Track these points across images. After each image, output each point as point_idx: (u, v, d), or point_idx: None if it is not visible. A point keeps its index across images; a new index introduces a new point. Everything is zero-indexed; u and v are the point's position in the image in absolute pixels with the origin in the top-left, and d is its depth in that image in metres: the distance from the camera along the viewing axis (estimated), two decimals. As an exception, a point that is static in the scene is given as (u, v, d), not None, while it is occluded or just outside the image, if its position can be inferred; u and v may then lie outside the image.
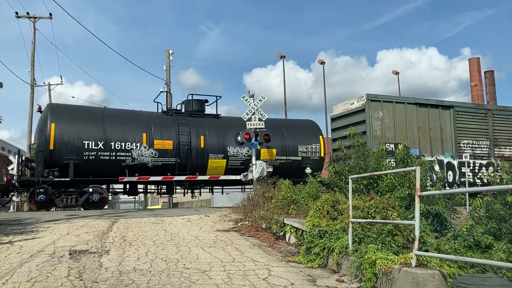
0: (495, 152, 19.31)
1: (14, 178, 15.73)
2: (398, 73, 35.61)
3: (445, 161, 18.34)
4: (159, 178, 16.72)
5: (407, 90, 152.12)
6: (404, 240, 6.36)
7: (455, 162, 18.26)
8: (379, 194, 8.45)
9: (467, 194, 13.84)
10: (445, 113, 18.89)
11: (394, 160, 14.56)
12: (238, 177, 16.53)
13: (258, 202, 10.76)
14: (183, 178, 17.08)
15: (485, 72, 64.35)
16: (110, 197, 21.05)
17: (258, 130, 15.03)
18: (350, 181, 7.07)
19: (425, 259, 5.08)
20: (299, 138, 19.07)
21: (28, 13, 26.20)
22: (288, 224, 8.60)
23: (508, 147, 20.04)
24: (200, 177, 17.23)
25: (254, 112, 15.10)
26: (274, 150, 18.16)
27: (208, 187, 19.70)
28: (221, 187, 19.71)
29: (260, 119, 15.15)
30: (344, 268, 6.05)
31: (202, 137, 17.46)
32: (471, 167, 18.56)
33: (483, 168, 18.98)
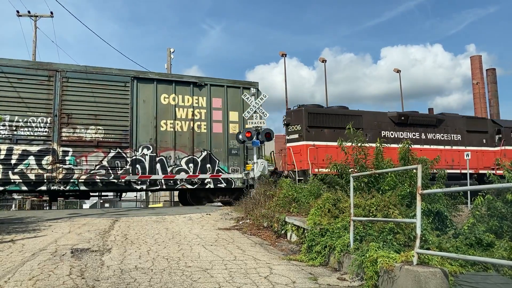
0: (64, 135, 13.90)
1: None
2: (400, 71, 35.52)
3: None
4: (160, 176, 16.69)
5: (410, 88, 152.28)
6: (405, 238, 6.36)
7: None
8: (381, 192, 8.45)
9: (468, 192, 13.82)
10: None
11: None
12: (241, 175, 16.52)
13: (260, 200, 10.76)
14: (185, 176, 17.05)
15: (487, 70, 64.22)
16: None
17: (259, 128, 15.02)
18: (351, 179, 7.07)
19: (426, 257, 5.08)
20: None
21: (29, 12, 26.18)
22: (289, 223, 8.60)
23: (90, 127, 14.21)
24: (202, 176, 17.21)
25: (255, 111, 15.08)
26: None
27: None
28: None
29: (261, 117, 15.13)
30: (345, 266, 6.05)
31: None
32: (3, 157, 13.12)
33: (32, 156, 13.44)
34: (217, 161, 16.33)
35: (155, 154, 15.33)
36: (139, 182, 15.15)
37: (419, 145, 19.38)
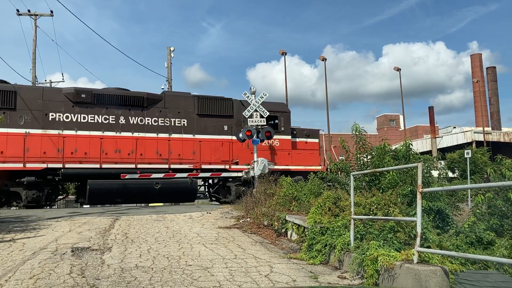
0: None
1: None
2: (400, 69, 35.54)
3: None
4: (160, 175, 16.68)
5: (412, 86, 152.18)
6: (406, 236, 6.35)
7: None
8: (381, 191, 8.44)
9: (468, 190, 13.81)
10: None
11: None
12: (240, 174, 16.53)
13: (260, 199, 10.75)
14: (185, 174, 17.05)
15: (487, 68, 64.14)
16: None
17: (259, 127, 15.04)
18: (351, 177, 7.05)
19: (427, 255, 5.08)
20: None
21: (29, 11, 26.16)
22: (290, 221, 8.60)
23: None
24: (202, 174, 17.23)
25: (256, 109, 15.10)
26: None
27: None
28: None
29: (261, 116, 15.14)
30: (346, 265, 6.05)
31: None
32: None
33: None
34: None
35: None
36: None
37: (113, 132, 15.44)
